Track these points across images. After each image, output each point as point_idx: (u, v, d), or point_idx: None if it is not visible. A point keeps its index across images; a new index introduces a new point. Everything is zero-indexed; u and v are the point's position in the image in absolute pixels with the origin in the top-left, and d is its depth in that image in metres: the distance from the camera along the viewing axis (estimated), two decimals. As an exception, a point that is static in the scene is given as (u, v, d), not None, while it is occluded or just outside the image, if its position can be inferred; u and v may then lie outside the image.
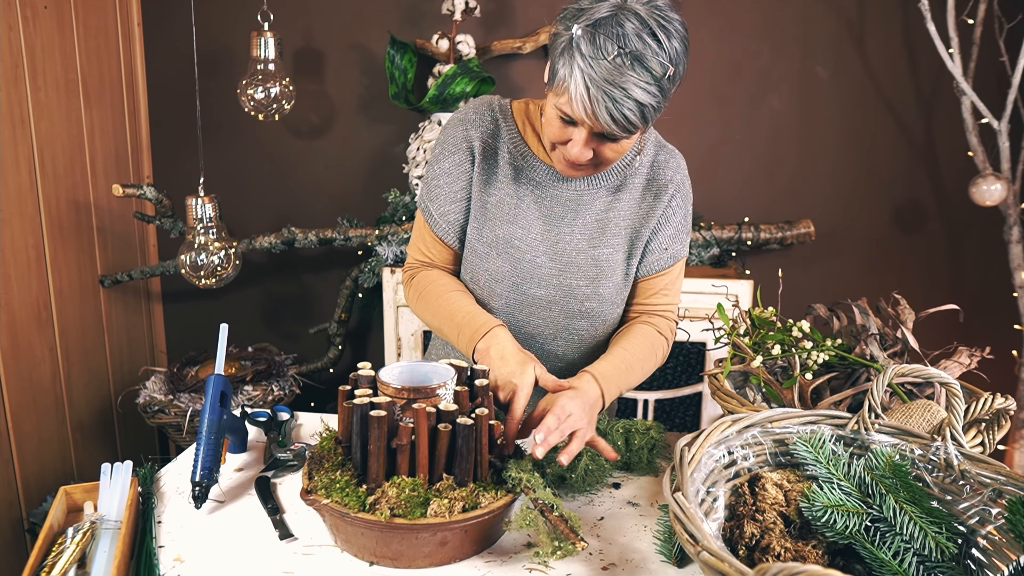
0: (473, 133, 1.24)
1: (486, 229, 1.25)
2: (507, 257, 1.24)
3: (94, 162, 2.37)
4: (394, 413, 0.97)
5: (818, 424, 1.03)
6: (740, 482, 0.98)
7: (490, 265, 1.25)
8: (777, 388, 1.25)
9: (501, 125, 1.26)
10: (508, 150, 1.25)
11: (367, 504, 0.92)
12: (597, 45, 1.00)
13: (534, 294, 1.26)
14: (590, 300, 1.27)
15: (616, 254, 1.26)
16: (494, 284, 1.26)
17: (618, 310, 1.32)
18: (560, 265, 1.25)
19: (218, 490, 1.13)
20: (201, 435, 1.11)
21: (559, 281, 1.25)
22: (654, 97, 1.02)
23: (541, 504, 0.94)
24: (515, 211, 1.24)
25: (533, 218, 1.24)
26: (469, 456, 0.95)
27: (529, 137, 1.26)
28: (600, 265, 1.25)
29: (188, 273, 2.06)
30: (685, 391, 2.22)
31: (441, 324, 1.25)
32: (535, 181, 1.25)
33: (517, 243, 1.24)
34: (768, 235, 2.36)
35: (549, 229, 1.25)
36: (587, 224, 1.25)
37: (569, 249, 1.25)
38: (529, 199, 1.24)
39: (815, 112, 2.45)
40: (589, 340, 1.32)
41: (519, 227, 1.24)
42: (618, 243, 1.26)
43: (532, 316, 1.28)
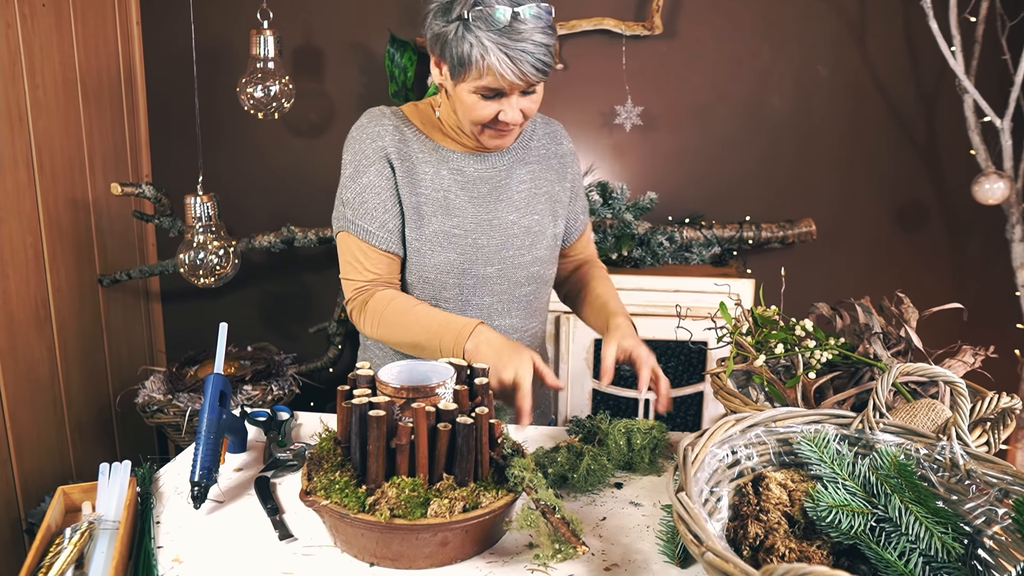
0: (383, 143, 1.28)
1: (423, 227, 1.30)
2: (450, 247, 1.30)
3: (92, 160, 2.36)
4: (393, 413, 0.96)
5: (822, 423, 1.02)
6: (744, 482, 0.97)
7: (436, 259, 1.30)
8: (780, 387, 1.24)
9: (403, 128, 1.31)
10: (419, 149, 1.30)
11: (367, 505, 0.91)
12: (492, 18, 1.11)
13: (482, 273, 1.33)
14: (532, 265, 1.37)
15: (543, 220, 1.38)
16: (443, 276, 1.32)
17: (552, 269, 1.44)
18: (499, 240, 1.33)
19: (217, 490, 1.12)
20: (200, 435, 1.10)
21: (502, 256, 1.34)
22: (551, 36, 1.16)
23: (543, 505, 0.93)
24: (445, 202, 1.30)
25: (464, 203, 1.31)
26: (469, 455, 0.94)
27: (433, 132, 1.33)
28: (532, 232, 1.36)
29: (187, 272, 2.05)
30: (686, 391, 2.22)
31: (416, 339, 1.23)
32: (455, 169, 1.31)
33: (456, 231, 1.30)
34: (769, 234, 2.35)
35: (481, 210, 1.32)
36: (512, 198, 1.35)
37: (503, 223, 1.33)
38: (455, 188, 1.31)
39: (816, 111, 2.44)
40: (536, 304, 1.43)
41: (454, 216, 1.30)
42: (542, 209, 1.38)
43: (484, 295, 1.35)
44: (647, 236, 2.24)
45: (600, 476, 1.12)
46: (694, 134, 2.48)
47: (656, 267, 2.27)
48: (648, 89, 2.45)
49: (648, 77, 2.45)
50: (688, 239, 2.31)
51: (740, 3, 2.40)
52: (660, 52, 2.44)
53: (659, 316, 2.16)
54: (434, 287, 1.33)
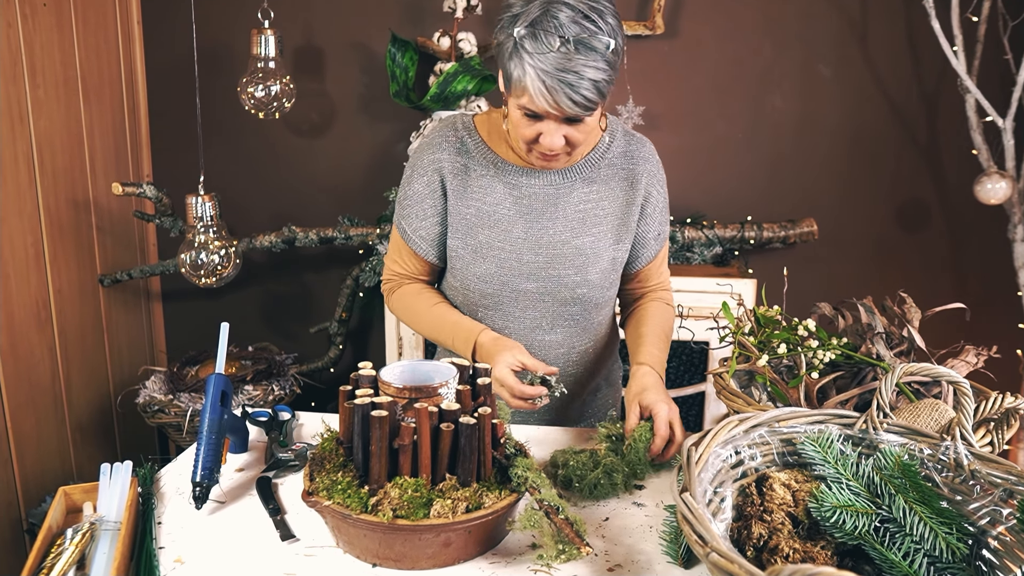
0: (440, 156, 1.31)
1: (469, 237, 1.31)
2: (492, 259, 1.31)
3: (93, 160, 2.36)
4: (396, 413, 0.96)
5: (826, 423, 1.02)
6: (747, 482, 0.97)
7: (477, 268, 1.32)
8: (783, 387, 1.24)
9: (467, 141, 1.32)
10: (479, 161, 1.31)
11: (369, 505, 0.91)
12: (540, 40, 1.08)
13: (524, 288, 1.32)
14: (580, 287, 1.33)
15: (600, 242, 1.33)
16: (483, 285, 1.33)
17: (609, 292, 1.39)
18: (546, 258, 1.31)
19: (219, 490, 1.12)
20: (202, 435, 1.10)
21: (547, 273, 1.32)
22: (604, 72, 1.11)
23: (547, 506, 0.93)
24: (494, 216, 1.30)
25: (514, 218, 1.30)
26: (472, 456, 0.94)
27: (496, 144, 1.32)
28: (585, 253, 1.32)
29: (188, 272, 2.05)
30: (688, 391, 2.21)
31: (433, 330, 1.36)
32: (510, 183, 1.31)
33: (499, 244, 1.30)
34: (771, 234, 2.34)
35: (530, 226, 1.31)
36: (568, 216, 1.31)
37: (553, 242, 1.31)
38: (507, 202, 1.31)
39: (818, 110, 2.44)
40: (584, 323, 1.39)
41: (500, 230, 1.30)
42: (601, 231, 1.33)
43: (526, 309, 1.35)
44: (649, 236, 2.23)
45: (606, 491, 1.12)
46: (695, 134, 2.48)
47: (658, 267, 2.26)
48: (649, 89, 2.45)
49: (649, 77, 2.44)
50: (690, 239, 2.30)
51: (741, 2, 2.39)
52: (661, 52, 2.43)
53: (661, 316, 2.16)
54: (475, 294, 1.35)
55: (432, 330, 1.36)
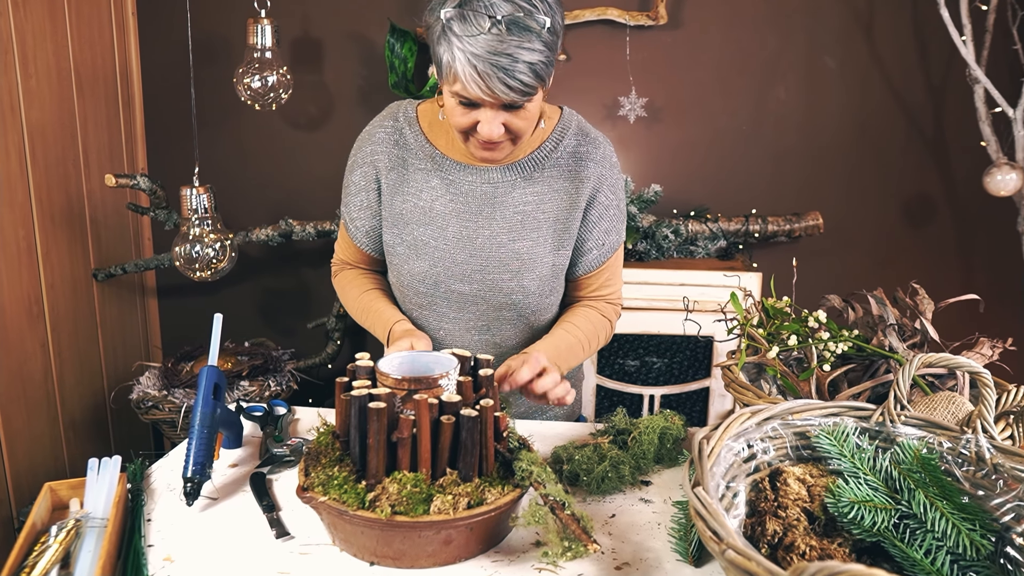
0: (376, 148, 1.27)
1: (404, 233, 1.27)
2: (426, 257, 1.26)
3: (87, 152, 2.31)
4: (394, 405, 0.92)
5: (841, 416, 0.98)
6: (760, 477, 0.93)
7: (411, 266, 1.27)
8: (793, 380, 1.20)
9: (407, 132, 1.27)
10: (416, 155, 1.26)
11: (366, 501, 0.87)
12: (469, 21, 1.00)
13: (458, 290, 1.27)
14: (515, 293, 1.27)
15: (538, 247, 1.25)
16: (417, 283, 1.29)
17: (549, 299, 1.32)
18: (480, 261, 1.25)
19: (211, 487, 1.08)
20: (193, 429, 1.06)
21: (481, 276, 1.26)
22: (541, 53, 1.03)
23: (552, 501, 0.89)
24: (430, 213, 1.25)
25: (448, 216, 1.25)
26: (474, 449, 0.90)
27: (436, 136, 1.26)
28: (522, 258, 1.25)
29: (183, 266, 2.01)
30: (692, 386, 2.18)
31: (361, 318, 1.36)
32: (448, 179, 1.25)
33: (434, 243, 1.25)
34: (776, 227, 2.31)
35: (466, 225, 1.25)
36: (506, 217, 1.24)
37: (489, 244, 1.25)
38: (444, 199, 1.25)
39: (823, 102, 2.41)
40: (523, 326, 1.33)
41: (435, 227, 1.25)
42: (540, 236, 1.25)
43: (461, 311, 1.30)
44: (652, 229, 2.20)
45: (614, 485, 1.08)
46: (699, 126, 2.44)
47: (661, 260, 2.23)
48: (652, 80, 2.41)
49: (652, 68, 2.40)
50: (693, 232, 2.27)
51: (746, -7, 2.36)
52: (664, 42, 2.40)
53: (664, 310, 2.12)
54: (410, 292, 1.31)
55: (360, 317, 1.35)
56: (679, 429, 1.19)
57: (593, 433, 1.22)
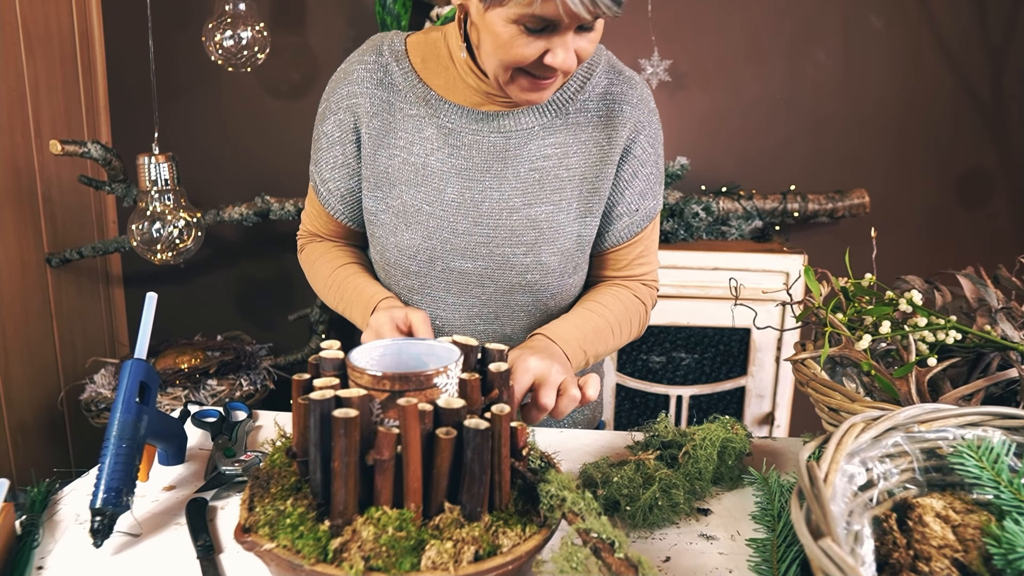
0: (354, 89, 1.02)
1: (389, 196, 1.02)
2: (418, 227, 1.01)
3: (39, 121, 2.05)
4: (372, 412, 0.66)
5: (983, 426, 0.72)
6: (883, 512, 0.67)
7: (399, 239, 1.02)
8: (889, 378, 0.94)
9: (393, 70, 1.02)
10: (406, 98, 1.01)
11: (330, 551, 0.61)
12: None
13: (458, 268, 1.03)
14: (531, 271, 1.03)
15: (560, 213, 1.01)
16: (406, 260, 1.04)
17: (572, 280, 1.08)
18: (488, 230, 1.01)
19: (131, 520, 0.81)
20: (108, 444, 0.80)
21: (489, 251, 1.01)
22: None
23: (595, 540, 0.63)
24: (423, 171, 1.00)
25: (447, 175, 1.00)
26: (483, 475, 0.64)
27: (432, 75, 1.01)
28: (539, 227, 1.01)
29: (140, 246, 1.75)
30: (725, 385, 1.92)
31: (334, 301, 1.10)
32: (446, 129, 1.00)
33: (427, 208, 1.00)
34: (817, 206, 2.06)
35: (469, 186, 1.00)
36: (519, 176, 1.00)
37: (498, 209, 1.00)
38: (440, 152, 1.00)
39: (868, 67, 2.19)
40: (539, 316, 1.09)
41: (430, 189, 1.00)
42: (563, 199, 1.01)
43: (463, 295, 1.05)
44: (679, 207, 1.94)
45: (665, 516, 0.82)
46: (728, 93, 2.20)
47: (689, 242, 1.96)
48: (677, 41, 2.16)
49: (677, 28, 2.16)
50: (725, 211, 2.01)
51: (781, -57, 2.11)
52: (690, 0, 2.15)
53: (694, 298, 1.86)
54: (396, 271, 1.06)
55: (333, 299, 1.09)
56: (743, 442, 0.94)
57: (631, 446, 0.96)
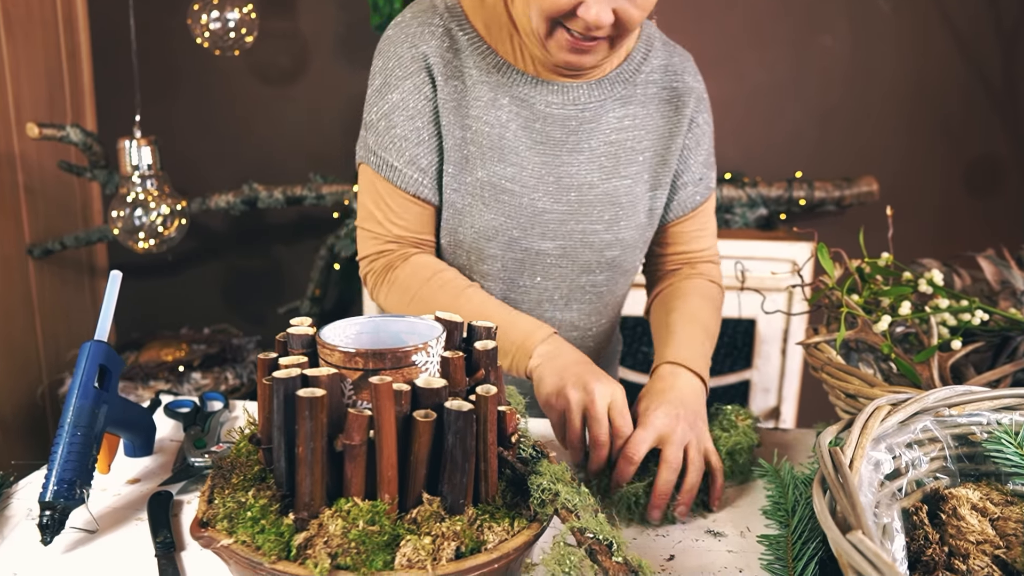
0: (425, 49, 0.92)
1: (465, 173, 0.94)
2: (498, 205, 0.94)
3: (20, 108, 1.98)
4: (343, 393, 0.59)
5: (1019, 410, 0.65)
6: (913, 504, 0.60)
7: (476, 220, 0.95)
8: (909, 362, 0.87)
9: (457, 33, 0.93)
10: (475, 64, 0.93)
11: (293, 547, 0.54)
12: None
13: (539, 248, 0.98)
14: (611, 248, 0.99)
15: (636, 186, 0.98)
16: (484, 243, 0.96)
17: (640, 256, 1.06)
18: (568, 207, 0.96)
19: (86, 515, 0.75)
20: (62, 432, 0.74)
21: (569, 228, 0.97)
22: None
23: (591, 541, 0.56)
24: (499, 143, 0.93)
25: (525, 149, 0.94)
26: (467, 463, 0.58)
27: (498, 41, 0.93)
28: (619, 202, 0.98)
29: (122, 234, 1.68)
30: (729, 379, 1.85)
31: None
32: (520, 99, 0.93)
33: (508, 185, 0.94)
34: (824, 193, 1.99)
35: (548, 160, 0.95)
36: (595, 149, 0.96)
37: (577, 184, 0.96)
38: (515, 124, 0.94)
39: (876, 51, 2.12)
40: (607, 298, 1.06)
41: (508, 164, 0.94)
42: (637, 171, 0.98)
43: (536, 277, 1.00)
44: (680, 193, 1.87)
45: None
46: (731, 80, 2.14)
47: (691, 230, 1.90)
48: (676, 26, 2.06)
49: (676, 14, 2.09)
50: (728, 199, 1.95)
51: (786, -76, 2.05)
52: (691, -17, 2.09)
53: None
54: (472, 257, 0.97)
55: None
56: (750, 436, 0.88)
57: None
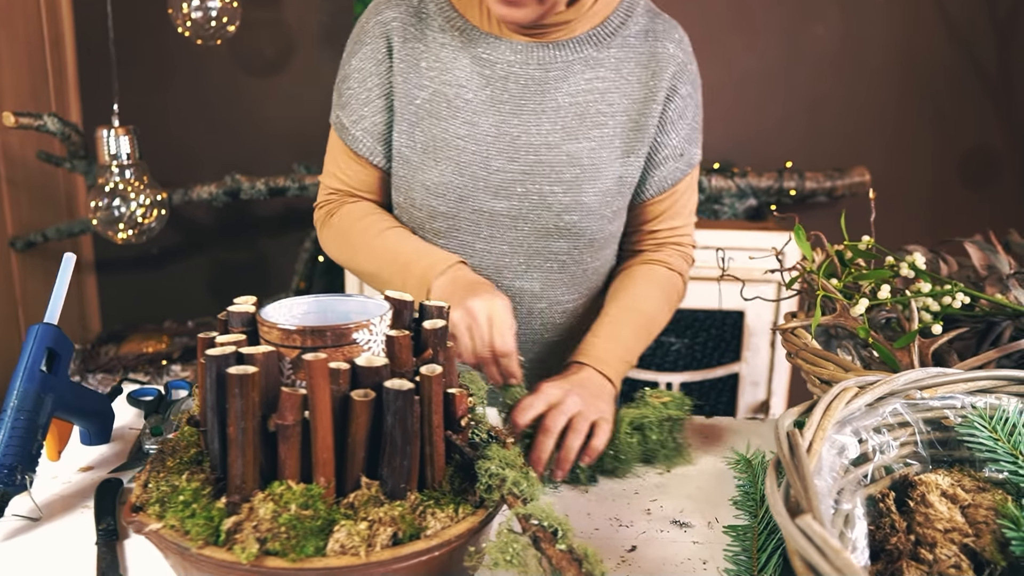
0: (388, 15, 0.96)
1: (418, 131, 0.95)
2: (449, 163, 0.94)
3: (1, 99, 1.96)
4: (282, 371, 0.57)
5: (995, 393, 0.62)
6: (880, 491, 0.57)
7: (427, 176, 0.95)
8: (888, 347, 0.84)
9: (428, 2, 0.97)
10: (439, 27, 0.95)
11: (222, 532, 0.52)
12: None
13: (490, 208, 0.96)
14: (570, 212, 0.96)
15: (602, 150, 0.95)
16: (434, 200, 0.96)
17: (611, 227, 1.01)
18: (524, 167, 0.94)
19: (30, 503, 0.72)
20: (4, 415, 0.71)
21: (525, 188, 0.94)
22: None
23: (536, 528, 0.53)
24: (455, 102, 0.94)
25: (482, 107, 0.94)
26: (408, 445, 0.55)
27: (468, 6, 0.95)
28: (581, 163, 0.95)
29: (101, 225, 1.66)
30: (718, 372, 1.82)
31: (379, 268, 0.96)
32: (481, 59, 0.94)
33: (460, 143, 0.94)
34: (815, 184, 1.96)
35: (505, 119, 0.94)
36: (560, 109, 0.94)
37: (535, 144, 0.94)
38: (474, 83, 0.94)
39: (868, 39, 2.08)
40: (573, 269, 1.01)
41: (462, 122, 0.94)
42: (605, 135, 0.95)
43: (493, 241, 0.97)
44: (668, 183, 1.84)
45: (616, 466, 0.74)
46: (718, 67, 2.10)
47: (679, 221, 1.87)
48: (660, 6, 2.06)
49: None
50: (717, 189, 1.91)
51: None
52: (680, -30, 2.05)
53: (684, 280, 1.76)
54: (420, 214, 0.97)
55: (378, 265, 0.96)
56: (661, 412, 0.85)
57: None
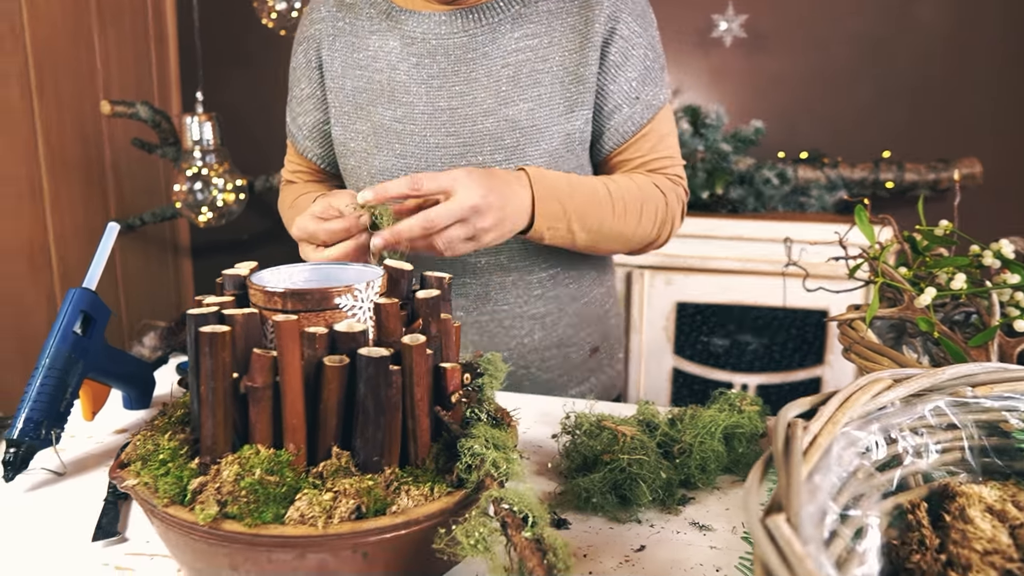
0: (315, 16, 0.99)
1: (359, 122, 0.96)
2: (388, 148, 0.95)
3: (109, 91, 2.10)
4: (265, 334, 0.56)
5: (1068, 396, 0.53)
6: (911, 500, 0.50)
7: (372, 163, 0.96)
8: (960, 344, 0.74)
9: None
10: (366, 15, 0.97)
11: (188, 491, 0.51)
12: None
13: None
14: None
15: (542, 110, 0.92)
16: None
17: None
18: (463, 139, 0.93)
19: (56, 459, 0.75)
20: (37, 372, 0.74)
21: (467, 162, 0.93)
22: None
23: (505, 513, 0.49)
24: (390, 87, 0.94)
25: (415, 87, 0.94)
26: (381, 416, 0.52)
27: None
28: (520, 127, 0.92)
29: (184, 208, 1.74)
30: (798, 375, 1.70)
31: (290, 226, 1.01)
32: (409, 38, 0.94)
33: (398, 126, 0.94)
34: (916, 176, 1.79)
35: (440, 94, 0.93)
36: (491, 75, 0.92)
37: (472, 114, 0.92)
38: (406, 64, 0.94)
39: (980, 20, 1.90)
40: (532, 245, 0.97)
41: (399, 105, 0.94)
42: (542, 94, 0.92)
43: None
44: (750, 173, 1.74)
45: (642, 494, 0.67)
46: (814, 51, 1.97)
47: (760, 212, 1.76)
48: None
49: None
50: (804, 180, 1.79)
51: None
52: (773, -51, 1.94)
53: (763, 274, 1.65)
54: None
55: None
56: (754, 422, 0.76)
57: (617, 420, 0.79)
